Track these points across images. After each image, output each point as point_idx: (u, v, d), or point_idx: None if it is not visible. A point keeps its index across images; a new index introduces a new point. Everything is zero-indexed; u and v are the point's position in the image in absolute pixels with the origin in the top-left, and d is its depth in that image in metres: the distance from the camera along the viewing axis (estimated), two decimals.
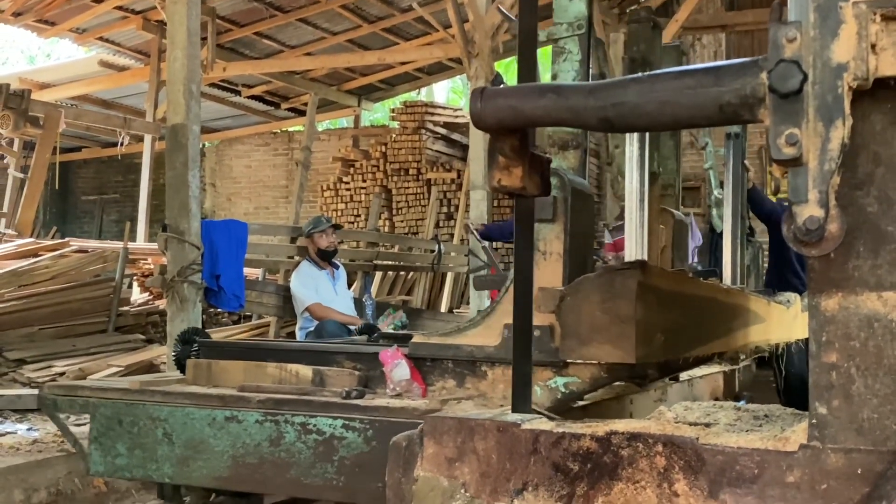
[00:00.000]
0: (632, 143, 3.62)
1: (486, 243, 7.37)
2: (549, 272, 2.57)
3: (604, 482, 1.65)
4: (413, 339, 2.81)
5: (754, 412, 1.96)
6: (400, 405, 2.54)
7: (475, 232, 7.51)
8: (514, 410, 1.97)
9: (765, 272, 7.57)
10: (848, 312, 1.52)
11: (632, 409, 3.01)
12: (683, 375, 3.46)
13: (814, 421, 1.54)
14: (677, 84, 1.51)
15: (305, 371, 2.90)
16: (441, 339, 2.75)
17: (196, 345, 3.34)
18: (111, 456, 2.89)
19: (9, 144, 11.54)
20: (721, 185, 6.04)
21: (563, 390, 2.48)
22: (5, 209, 11.69)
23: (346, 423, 2.54)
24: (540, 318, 2.40)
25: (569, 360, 2.45)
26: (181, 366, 3.29)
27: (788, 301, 4.40)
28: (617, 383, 2.78)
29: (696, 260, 5.89)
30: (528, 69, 2.07)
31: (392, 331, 5.96)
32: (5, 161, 11.91)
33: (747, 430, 1.71)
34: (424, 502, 1.75)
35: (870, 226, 1.51)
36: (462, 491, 1.75)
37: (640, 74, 1.61)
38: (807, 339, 4.21)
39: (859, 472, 1.48)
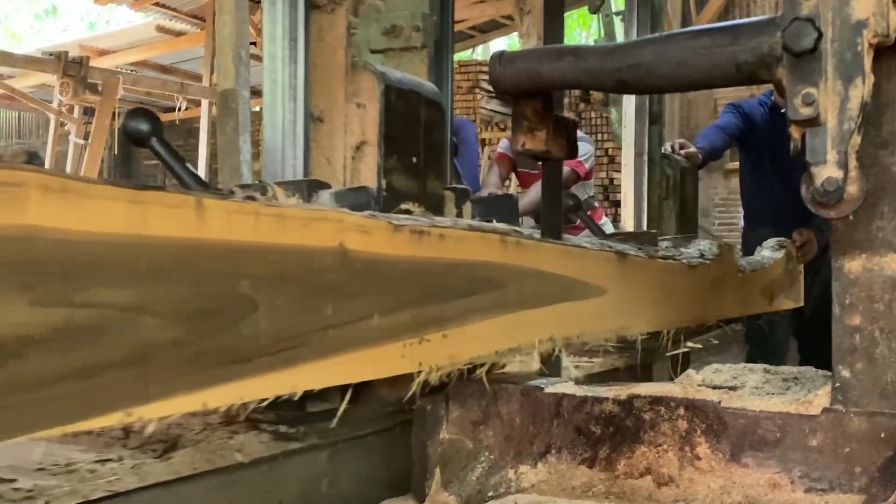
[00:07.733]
0: None
1: None
2: None
3: (626, 445, 1.65)
4: None
5: (784, 375, 1.93)
6: None
7: None
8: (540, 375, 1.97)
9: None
10: (872, 274, 1.49)
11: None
12: None
13: (837, 384, 1.52)
14: (693, 44, 1.49)
15: None
16: None
17: None
18: None
19: (69, 111, 11.76)
20: None
21: None
22: None
23: None
24: None
25: None
26: None
27: (702, 255, 2.63)
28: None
29: None
30: (554, 30, 2.05)
31: None
32: (66, 128, 12.14)
33: (772, 394, 1.69)
34: (449, 465, 1.76)
35: (895, 186, 1.47)
36: (486, 454, 1.77)
37: (657, 35, 1.59)
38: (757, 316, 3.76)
39: (882, 435, 1.46)
